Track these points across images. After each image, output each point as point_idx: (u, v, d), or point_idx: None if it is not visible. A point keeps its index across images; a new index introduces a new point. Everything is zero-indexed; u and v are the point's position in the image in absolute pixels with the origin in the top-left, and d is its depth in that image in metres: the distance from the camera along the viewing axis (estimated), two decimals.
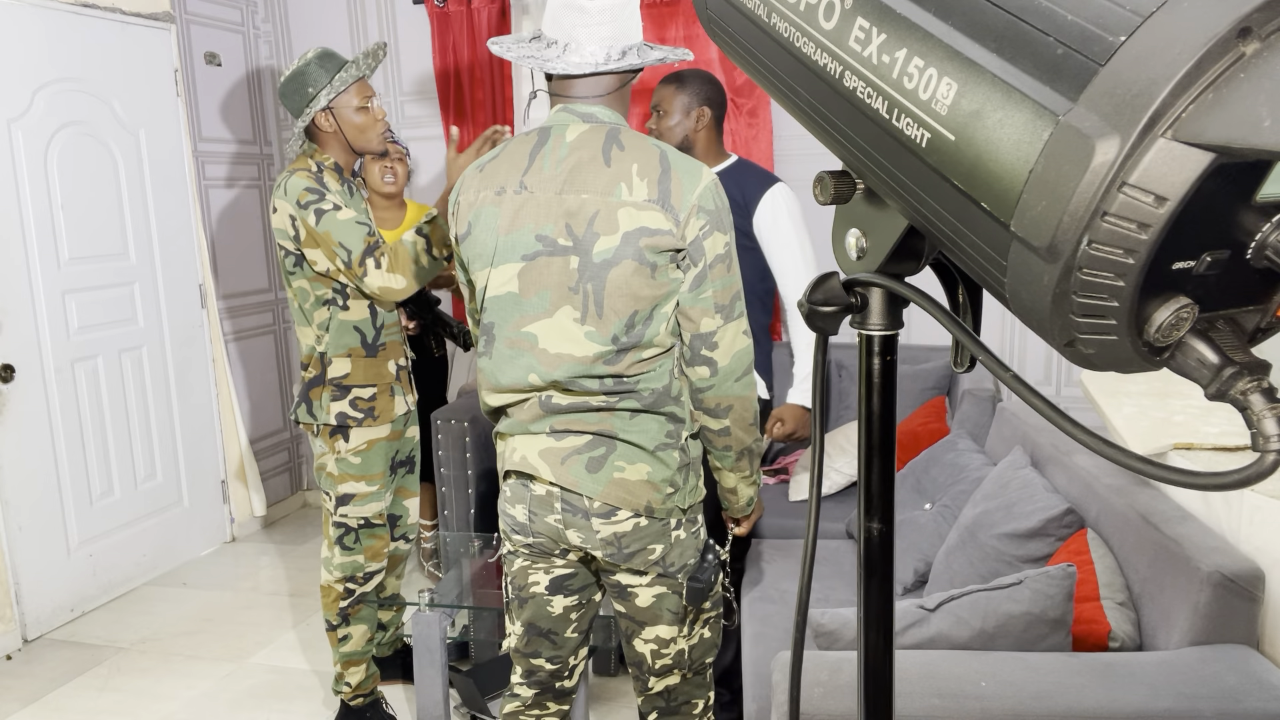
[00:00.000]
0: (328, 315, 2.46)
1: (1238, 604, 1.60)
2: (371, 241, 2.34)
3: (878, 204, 0.71)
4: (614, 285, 1.60)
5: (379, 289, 2.34)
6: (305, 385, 2.53)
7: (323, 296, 2.45)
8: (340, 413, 2.49)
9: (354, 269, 2.33)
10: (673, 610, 1.77)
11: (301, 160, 2.43)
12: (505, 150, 1.69)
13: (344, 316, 2.47)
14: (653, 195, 1.58)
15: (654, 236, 1.58)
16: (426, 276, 2.37)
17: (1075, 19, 0.51)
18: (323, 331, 2.48)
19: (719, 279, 1.63)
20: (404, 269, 2.34)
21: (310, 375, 2.52)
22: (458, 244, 1.72)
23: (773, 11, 0.70)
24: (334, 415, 2.49)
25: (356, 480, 2.55)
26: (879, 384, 0.77)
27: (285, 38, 4.46)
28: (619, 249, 1.59)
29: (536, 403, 1.68)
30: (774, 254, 2.47)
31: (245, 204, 4.39)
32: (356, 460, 2.53)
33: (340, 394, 2.49)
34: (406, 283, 2.35)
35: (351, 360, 2.49)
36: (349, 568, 2.61)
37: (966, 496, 2.42)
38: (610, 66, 1.64)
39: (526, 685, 1.89)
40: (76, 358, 3.53)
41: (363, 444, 2.53)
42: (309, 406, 2.52)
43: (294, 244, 2.40)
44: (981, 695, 1.50)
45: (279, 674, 3.09)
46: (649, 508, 1.67)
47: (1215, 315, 0.54)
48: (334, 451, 2.53)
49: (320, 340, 2.49)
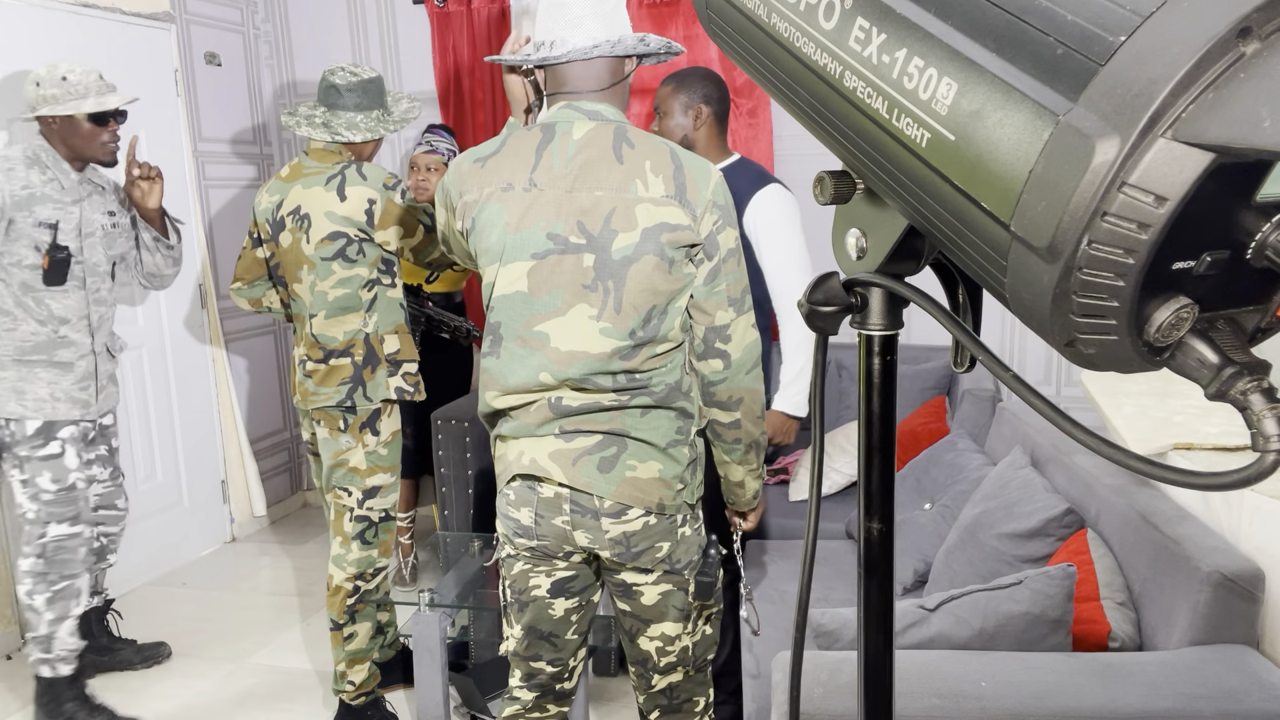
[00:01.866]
0: (372, 295, 2.56)
1: (1238, 604, 1.60)
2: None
3: (878, 204, 0.71)
4: (635, 281, 1.61)
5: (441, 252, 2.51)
6: (356, 369, 2.55)
7: (373, 279, 2.55)
8: (398, 387, 2.59)
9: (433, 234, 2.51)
10: (678, 607, 1.78)
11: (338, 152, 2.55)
12: (508, 145, 1.69)
13: (391, 294, 2.60)
14: (670, 191, 1.60)
15: (675, 232, 1.60)
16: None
17: (1075, 19, 0.51)
18: (367, 313, 2.55)
19: (731, 273, 1.67)
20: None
21: (357, 358, 2.55)
22: (465, 238, 1.72)
23: (773, 11, 0.70)
24: (393, 390, 2.58)
25: (384, 471, 2.63)
26: (879, 384, 0.77)
27: (285, 38, 4.46)
28: (639, 245, 1.60)
29: (545, 405, 1.67)
30: (765, 255, 2.47)
31: (245, 204, 4.39)
32: (385, 452, 2.61)
33: (394, 369, 2.59)
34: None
35: (399, 336, 2.62)
36: (364, 563, 2.64)
37: (966, 496, 2.42)
38: (603, 51, 1.65)
39: (526, 688, 1.89)
40: None
41: (389, 435, 2.62)
42: (364, 389, 2.55)
43: (365, 230, 2.50)
44: (981, 695, 1.50)
45: (279, 674, 3.09)
46: (660, 505, 1.68)
47: (1215, 315, 0.54)
48: (362, 445, 2.58)
49: (368, 322, 2.56)
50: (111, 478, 3.02)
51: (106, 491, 3.01)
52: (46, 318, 2.67)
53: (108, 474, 3.00)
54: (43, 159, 2.68)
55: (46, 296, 2.67)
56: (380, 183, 2.52)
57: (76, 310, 2.72)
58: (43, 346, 2.68)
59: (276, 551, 4.18)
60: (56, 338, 2.69)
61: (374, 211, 2.50)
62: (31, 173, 2.65)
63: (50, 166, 2.68)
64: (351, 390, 2.55)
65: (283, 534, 4.39)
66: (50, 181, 2.67)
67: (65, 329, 2.70)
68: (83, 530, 2.76)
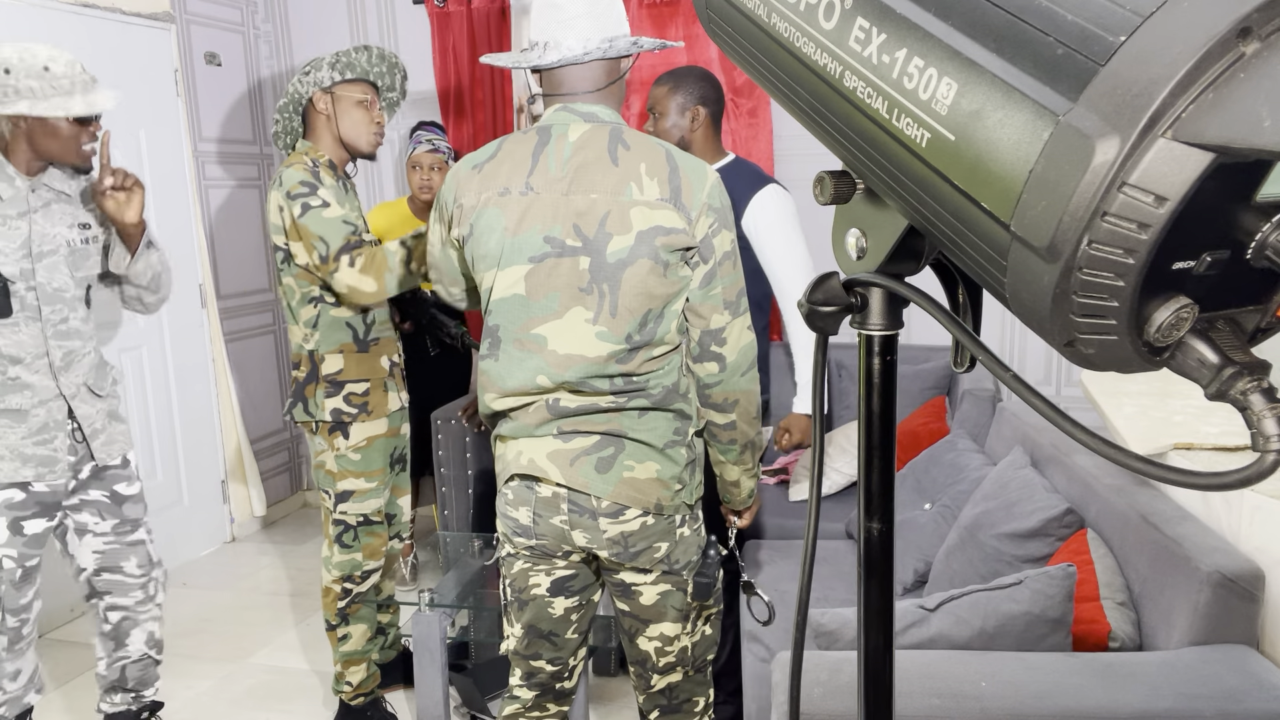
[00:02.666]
0: (315, 312, 2.46)
1: (1238, 604, 1.60)
2: (352, 240, 2.33)
3: (878, 204, 0.71)
4: (629, 284, 1.61)
5: (348, 287, 2.32)
6: (298, 384, 2.52)
7: (309, 293, 2.45)
8: (335, 409, 2.49)
9: (328, 264, 2.32)
10: (677, 607, 1.78)
11: (297, 156, 2.42)
12: (503, 150, 1.69)
13: (335, 313, 2.47)
14: (664, 194, 1.59)
15: (669, 235, 1.59)
16: (400, 287, 2.36)
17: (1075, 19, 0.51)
18: (310, 330, 2.47)
19: (727, 275, 1.66)
20: (377, 274, 2.32)
21: (302, 374, 2.51)
22: (461, 246, 1.72)
23: (773, 11, 0.70)
24: (329, 412, 2.49)
25: (356, 477, 2.55)
26: (879, 384, 0.77)
27: (285, 38, 4.46)
28: (634, 248, 1.59)
29: (543, 406, 1.67)
30: (767, 256, 2.46)
31: (245, 204, 4.39)
32: (356, 457, 2.53)
33: (334, 390, 2.49)
34: (377, 287, 2.33)
35: (344, 356, 2.49)
36: (347, 566, 2.61)
37: (966, 496, 2.42)
38: (595, 55, 1.65)
39: (526, 687, 1.89)
40: None
41: (363, 440, 2.53)
42: (305, 405, 2.51)
43: (284, 238, 2.40)
44: (981, 695, 1.50)
45: (279, 674, 3.09)
46: (658, 505, 1.68)
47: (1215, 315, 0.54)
48: (333, 449, 2.52)
49: (309, 339, 2.48)
50: (115, 532, 2.37)
51: (109, 549, 2.37)
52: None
53: (109, 527, 2.36)
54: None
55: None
56: (286, 191, 2.34)
57: (30, 347, 2.19)
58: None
59: (276, 552, 4.18)
60: (5, 379, 2.17)
61: (284, 221, 2.37)
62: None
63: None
64: (293, 405, 2.54)
65: (283, 534, 4.39)
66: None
67: (17, 369, 2.18)
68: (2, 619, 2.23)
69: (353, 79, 2.44)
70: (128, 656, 2.45)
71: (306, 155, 2.41)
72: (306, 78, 2.40)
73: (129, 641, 2.44)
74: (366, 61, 2.44)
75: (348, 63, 2.41)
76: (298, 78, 2.41)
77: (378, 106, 2.48)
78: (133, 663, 2.46)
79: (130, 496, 2.39)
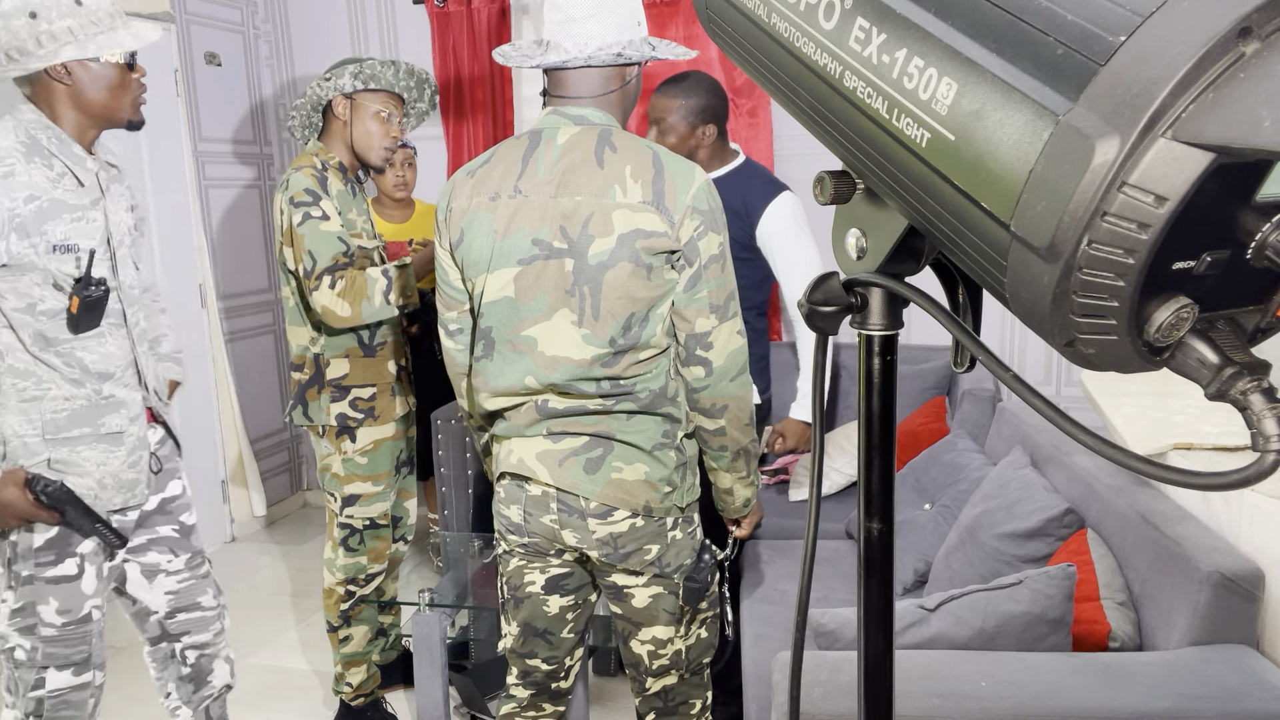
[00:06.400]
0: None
1: (1238, 604, 1.60)
2: (340, 260, 2.33)
3: (878, 204, 0.71)
4: (610, 287, 1.59)
5: (323, 308, 2.32)
6: (300, 387, 2.51)
7: None
8: (340, 414, 2.48)
9: (310, 279, 2.32)
10: (669, 611, 1.77)
11: (307, 157, 2.42)
12: (496, 155, 1.69)
13: None
14: (647, 197, 1.58)
15: (650, 238, 1.58)
16: (374, 317, 2.36)
17: (1075, 19, 0.51)
18: (318, 333, 2.47)
19: (714, 279, 1.63)
20: (355, 300, 2.32)
21: (305, 376, 2.50)
22: (452, 252, 1.71)
23: (773, 11, 0.70)
24: (334, 417, 2.48)
25: (363, 480, 2.54)
26: (879, 384, 0.77)
27: (285, 38, 4.46)
28: (615, 251, 1.58)
29: (533, 407, 1.68)
30: (782, 263, 2.45)
31: (245, 204, 4.39)
32: (363, 460, 2.53)
33: (340, 395, 2.48)
34: (351, 313, 2.33)
35: (350, 361, 2.48)
36: (351, 569, 2.61)
37: (966, 496, 2.42)
38: (592, 62, 1.63)
39: (522, 686, 1.90)
40: None
41: (369, 444, 2.53)
42: (305, 409, 2.50)
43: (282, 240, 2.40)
44: (981, 695, 1.50)
45: (279, 674, 3.09)
46: (647, 507, 1.67)
47: (1215, 315, 0.54)
48: (340, 452, 2.52)
49: (315, 341, 2.47)
50: (189, 567, 2.10)
51: (184, 587, 2.09)
52: (81, 376, 1.83)
53: (183, 562, 2.09)
54: (44, 143, 1.77)
55: (77, 347, 1.82)
56: (290, 196, 2.33)
57: (120, 358, 1.88)
58: (82, 415, 1.84)
59: (276, 552, 4.17)
60: (100, 401, 1.86)
61: (283, 224, 2.37)
62: (34, 169, 1.74)
63: (58, 154, 1.79)
64: (293, 408, 2.52)
65: (283, 534, 4.38)
66: (61, 178, 1.78)
67: (110, 386, 1.87)
68: (92, 678, 1.95)
69: (375, 89, 2.43)
70: (210, 694, 2.18)
71: (317, 156, 2.42)
72: (328, 82, 2.40)
73: (211, 678, 2.18)
74: (392, 75, 2.43)
75: (371, 74, 2.40)
76: (319, 80, 2.41)
77: (399, 119, 2.47)
78: (215, 700, 2.21)
79: (194, 525, 2.14)
